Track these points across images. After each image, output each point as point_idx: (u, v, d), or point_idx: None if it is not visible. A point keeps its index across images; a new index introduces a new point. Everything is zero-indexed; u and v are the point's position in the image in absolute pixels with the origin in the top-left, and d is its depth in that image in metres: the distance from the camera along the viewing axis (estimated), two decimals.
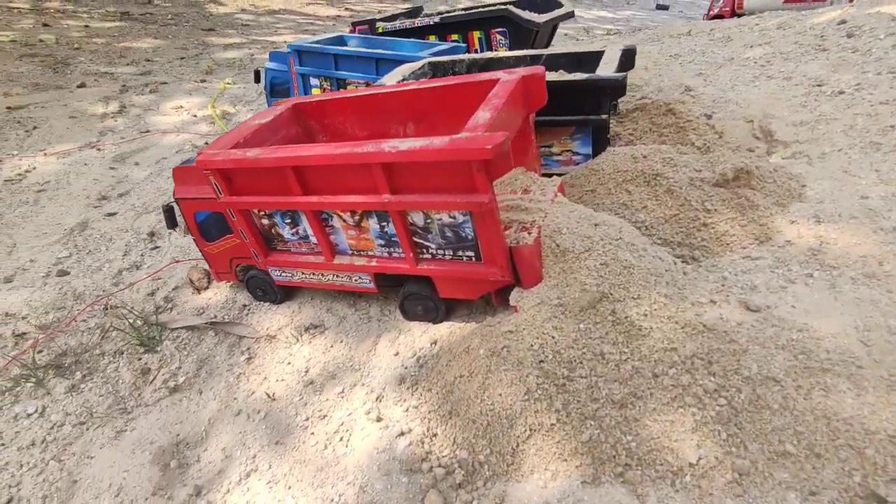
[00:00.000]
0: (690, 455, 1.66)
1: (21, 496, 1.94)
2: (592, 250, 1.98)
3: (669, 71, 4.07)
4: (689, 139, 2.81)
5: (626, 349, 1.82)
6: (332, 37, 4.92)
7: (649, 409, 1.74)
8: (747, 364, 1.78)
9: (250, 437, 2.07)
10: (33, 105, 5.59)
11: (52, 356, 2.53)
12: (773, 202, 2.52)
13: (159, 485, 1.93)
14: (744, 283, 2.16)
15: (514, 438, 1.80)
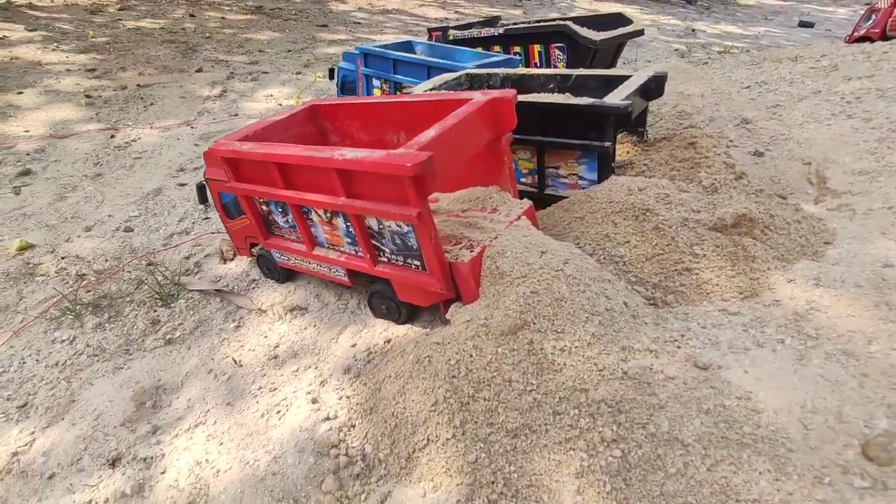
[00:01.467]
0: (567, 499, 1.62)
1: (34, 403, 2.40)
2: (528, 277, 1.97)
3: (730, 100, 3.75)
4: (698, 176, 2.62)
5: (533, 381, 1.81)
6: (401, 42, 5.18)
7: (540, 444, 1.72)
8: (658, 421, 1.69)
9: (210, 395, 2.35)
10: (158, 84, 6.56)
11: (94, 297, 3.04)
12: (776, 256, 2.29)
13: (129, 418, 2.27)
14: (706, 337, 2.02)
15: (413, 444, 1.87)
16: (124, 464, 2.07)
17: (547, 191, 3.02)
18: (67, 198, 4.11)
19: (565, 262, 2.01)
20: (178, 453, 2.08)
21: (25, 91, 6.04)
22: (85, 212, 3.93)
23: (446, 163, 1.90)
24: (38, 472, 2.07)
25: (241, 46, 8.41)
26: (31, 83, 6.26)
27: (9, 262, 3.37)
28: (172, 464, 2.03)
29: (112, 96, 6.12)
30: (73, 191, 4.20)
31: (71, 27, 8.73)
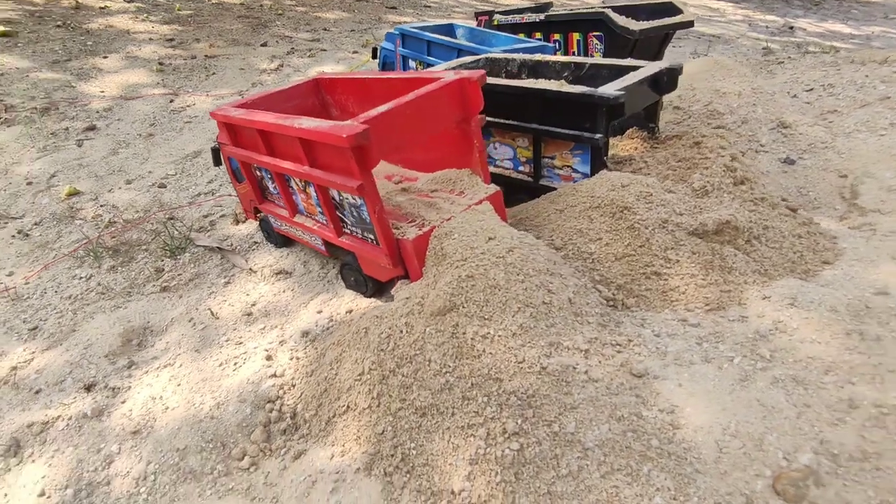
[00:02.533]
0: (456, 484, 1.61)
1: (42, 327, 2.71)
2: (468, 261, 1.95)
3: (771, 101, 3.42)
4: (692, 178, 2.43)
5: (450, 363, 1.80)
6: (442, 24, 5.17)
7: (444, 426, 1.72)
8: (566, 420, 1.63)
9: (185, 340, 2.54)
10: (223, 56, 7.00)
11: (116, 243, 3.35)
12: (758, 270, 2.11)
13: (113, 351, 2.51)
14: (655, 346, 1.92)
15: (335, 409, 1.94)
16: (96, 390, 2.30)
17: (542, 181, 2.93)
18: (119, 153, 4.53)
19: (509, 251, 1.96)
20: (141, 388, 2.27)
21: (110, 56, 6.67)
22: (130, 167, 4.32)
23: (397, 137, 1.91)
24: (28, 386, 2.35)
25: (308, 24, 8.75)
26: (116, 49, 6.90)
27: (58, 205, 3.79)
28: (133, 396, 2.23)
29: (181, 65, 6.62)
30: (125, 147, 4.62)
31: (164, 0, 9.48)
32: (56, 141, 4.66)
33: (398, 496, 1.65)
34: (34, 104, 5.30)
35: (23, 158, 4.38)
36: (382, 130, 1.85)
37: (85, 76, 6.07)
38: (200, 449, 1.94)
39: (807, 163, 3.03)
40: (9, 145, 4.58)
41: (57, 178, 4.14)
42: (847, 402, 1.56)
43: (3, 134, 4.76)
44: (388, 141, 1.88)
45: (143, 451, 1.96)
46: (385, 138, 1.87)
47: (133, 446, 1.99)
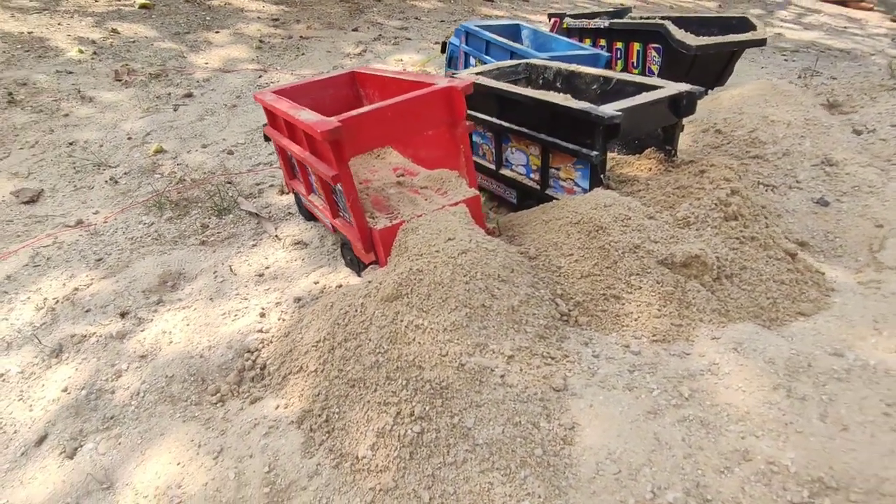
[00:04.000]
0: (361, 450, 1.81)
1: (106, 260, 3.27)
2: (423, 257, 2.11)
3: (824, 135, 3.14)
4: (680, 207, 2.37)
5: (384, 345, 1.98)
6: (508, 24, 5.23)
7: (365, 399, 1.92)
8: (467, 416, 1.77)
9: (205, 289, 2.95)
10: (316, 38, 7.56)
11: (179, 198, 3.89)
12: (718, 309, 2.07)
13: (150, 289, 2.99)
14: (587, 365, 1.99)
15: (292, 368, 2.21)
16: (127, 317, 2.77)
17: (548, 191, 2.98)
18: (205, 119, 5.16)
19: (462, 252, 2.09)
20: (159, 322, 2.71)
21: (221, 31, 7.49)
22: (209, 132, 4.91)
23: (376, 135, 2.11)
24: (81, 305, 2.89)
25: (402, 12, 9.11)
26: (228, 25, 7.72)
27: (145, 160, 4.44)
28: (151, 327, 2.67)
29: (278, 43, 7.26)
30: (210, 115, 5.25)
31: None
32: (158, 104, 5.41)
33: (314, 450, 1.88)
34: (151, 70, 6.15)
35: (130, 116, 5.15)
36: (358, 128, 2.05)
37: (196, 48, 6.89)
38: (184, 380, 2.31)
39: (843, 206, 2.78)
40: (123, 104, 5.40)
41: (151, 136, 4.82)
42: (741, 454, 1.54)
43: (122, 94, 5.60)
44: (365, 138, 2.08)
45: (143, 373, 2.37)
46: (362, 136, 2.07)
47: (137, 367, 2.41)
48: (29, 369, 2.49)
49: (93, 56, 6.38)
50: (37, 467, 2.04)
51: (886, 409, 1.58)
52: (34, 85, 5.59)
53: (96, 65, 6.17)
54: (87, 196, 4.00)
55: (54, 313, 2.85)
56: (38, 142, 4.66)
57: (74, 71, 5.97)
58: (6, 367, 2.51)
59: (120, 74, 5.91)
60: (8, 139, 4.68)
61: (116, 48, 6.68)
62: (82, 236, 3.52)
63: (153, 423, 2.13)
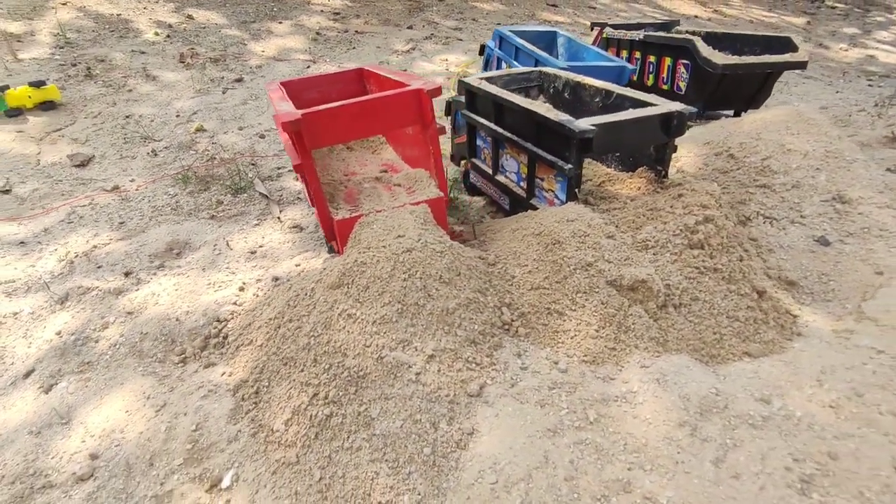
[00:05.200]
0: (277, 424, 1.93)
1: (126, 224, 3.60)
2: (370, 250, 2.19)
3: (844, 170, 2.89)
4: (644, 229, 2.29)
5: (319, 330, 2.08)
6: (545, 31, 5.18)
7: (291, 377, 2.03)
8: (374, 407, 1.85)
9: (201, 259, 3.18)
10: (370, 34, 7.81)
11: (205, 174, 4.20)
12: (657, 338, 2.01)
13: (156, 254, 3.26)
14: (512, 376, 2.02)
15: (245, 340, 2.37)
16: (130, 277, 3.05)
17: (532, 200, 2.97)
18: (247, 104, 5.50)
19: (406, 251, 2.15)
20: (152, 284, 2.96)
21: (284, 22, 7.91)
22: (248, 116, 5.24)
23: (339, 131, 2.21)
24: (95, 262, 3.21)
25: (461, 13, 9.20)
26: (291, 16, 8.14)
27: (185, 137, 4.82)
28: (144, 288, 2.93)
29: (333, 36, 7.58)
30: (253, 100, 5.59)
31: None
32: (210, 86, 5.83)
33: (239, 418, 2.02)
34: (212, 54, 6.62)
35: (183, 96, 5.59)
36: (319, 123, 2.16)
37: (257, 36, 7.33)
38: (155, 338, 2.52)
39: (845, 248, 2.57)
40: (180, 83, 5.86)
41: (196, 115, 5.22)
42: (622, 485, 1.50)
43: (182, 74, 6.08)
44: (327, 133, 2.18)
45: (124, 328, 2.61)
46: (324, 130, 2.18)
47: (122, 322, 2.66)
48: (38, 312, 2.81)
49: (166, 39, 6.96)
50: (18, 396, 2.31)
51: (791, 463, 1.47)
52: (110, 62, 6.19)
53: (167, 47, 6.73)
54: (129, 165, 4.40)
55: (72, 266, 3.19)
56: (100, 113, 5.17)
57: (147, 51, 6.55)
58: (21, 307, 2.85)
59: (184, 57, 6.41)
60: (77, 108, 5.23)
61: (188, 32, 7.24)
62: (114, 200, 3.89)
63: (118, 373, 2.35)
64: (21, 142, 4.59)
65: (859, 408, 1.63)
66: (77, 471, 1.92)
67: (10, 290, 2.99)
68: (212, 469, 1.87)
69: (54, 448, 2.03)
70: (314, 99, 3.32)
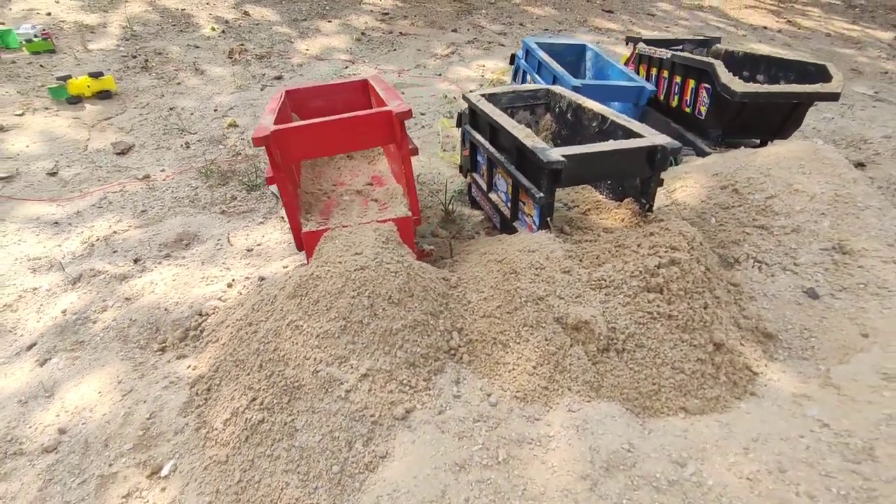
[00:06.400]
0: (217, 423, 2.05)
1: (147, 213, 3.89)
2: (326, 265, 2.27)
3: (853, 218, 2.66)
4: (603, 267, 2.22)
5: (269, 337, 2.19)
6: (572, 44, 5.06)
7: (239, 379, 2.15)
8: (300, 419, 1.94)
9: (203, 253, 3.40)
10: (414, 35, 7.91)
11: (227, 169, 4.44)
12: (591, 382, 1.98)
13: (166, 243, 3.51)
14: (442, 404, 2.05)
15: (214, 337, 2.53)
16: (138, 264, 3.31)
17: (515, 223, 2.96)
18: None
19: (359, 269, 2.22)
20: (154, 273, 3.19)
21: (333, 21, 8.16)
22: None
23: (309, 148, 2.31)
24: (111, 246, 3.50)
25: (509, 17, 9.13)
26: (341, 15, 8.38)
27: (218, 131, 5.11)
28: (146, 276, 3.17)
29: (377, 37, 7.74)
30: None
31: None
32: (251, 83, 6.13)
33: (189, 411, 2.17)
34: (259, 51, 6.95)
35: (224, 91, 5.92)
36: (288, 140, 2.26)
37: (304, 34, 7.61)
38: (142, 325, 2.74)
39: (835, 303, 2.38)
40: (224, 79, 6.21)
41: (233, 111, 5.52)
42: None
43: (227, 70, 6.43)
44: (297, 148, 2.28)
45: (119, 312, 2.85)
46: (293, 146, 2.28)
47: (119, 306, 2.90)
48: (53, 289, 3.11)
49: (221, 34, 7.37)
50: (18, 366, 2.58)
51: None
52: (166, 55, 6.64)
53: (219, 42, 7.13)
54: (163, 155, 4.74)
55: (92, 249, 3.49)
56: (148, 103, 5.58)
57: (201, 46, 6.97)
58: (41, 283, 3.16)
59: (233, 53, 6.77)
60: (129, 98, 5.67)
61: (242, 29, 7.63)
62: (142, 189, 4.21)
63: (102, 355, 2.57)
64: (75, 128, 5.04)
65: (777, 484, 1.53)
66: (45, 442, 2.13)
67: (36, 267, 3.32)
68: (156, 457, 2.02)
69: (34, 419, 2.26)
70: (320, 108, 3.44)
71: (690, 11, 10.88)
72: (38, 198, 4.06)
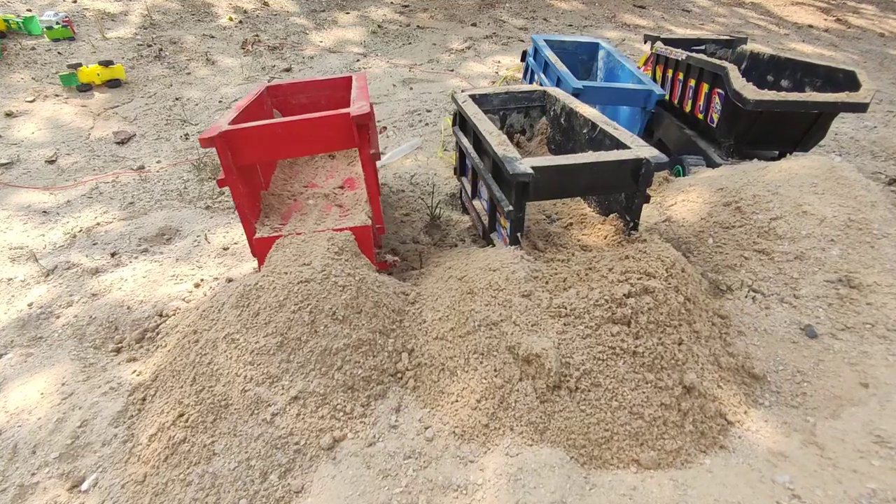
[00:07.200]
0: (143, 438, 1.96)
1: (135, 204, 3.86)
2: (271, 275, 2.14)
3: (867, 247, 2.36)
4: (565, 294, 2.01)
5: (206, 349, 2.08)
6: (585, 42, 4.78)
7: (171, 392, 2.06)
8: (220, 442, 1.83)
9: (179, 250, 3.33)
10: (431, 29, 7.71)
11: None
12: (536, 423, 1.80)
13: (147, 238, 3.46)
14: (376, 434, 1.93)
15: (164, 342, 2.44)
16: (114, 258, 3.27)
17: (492, 234, 2.77)
18: None
19: (303, 282, 2.08)
20: (128, 269, 3.14)
21: (351, 12, 8.04)
22: None
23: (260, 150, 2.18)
24: (93, 238, 3.47)
25: (533, 11, 8.81)
26: (360, 7, 8.25)
27: None
28: (118, 271, 3.12)
29: (394, 30, 7.58)
30: None
31: None
32: (259, 75, 6.08)
33: (121, 422, 2.08)
34: (273, 42, 6.90)
35: (231, 82, 5.88)
36: (239, 141, 2.13)
37: (320, 26, 7.52)
38: (101, 324, 2.68)
39: (836, 344, 2.10)
40: (234, 70, 6.18)
41: (236, 102, 5.46)
42: None
43: (238, 61, 6.40)
44: (250, 150, 2.16)
45: (82, 308, 2.80)
46: (245, 148, 2.15)
47: (84, 302, 2.86)
48: (28, 280, 3.10)
49: (238, 24, 7.36)
50: None
51: None
52: (181, 44, 6.66)
53: (235, 33, 7.12)
54: (161, 147, 4.72)
55: (73, 240, 3.48)
56: (155, 93, 5.59)
57: (216, 36, 6.97)
58: (16, 274, 3.16)
59: (246, 44, 6.74)
60: (138, 88, 5.70)
61: (259, 19, 7.60)
62: (135, 180, 4.19)
63: (54, 354, 2.52)
64: (81, 116, 5.09)
65: None
66: None
67: (16, 256, 3.33)
68: (79, 469, 1.94)
69: None
70: (302, 104, 3.32)
71: (729, 8, 10.29)
72: (32, 186, 4.10)
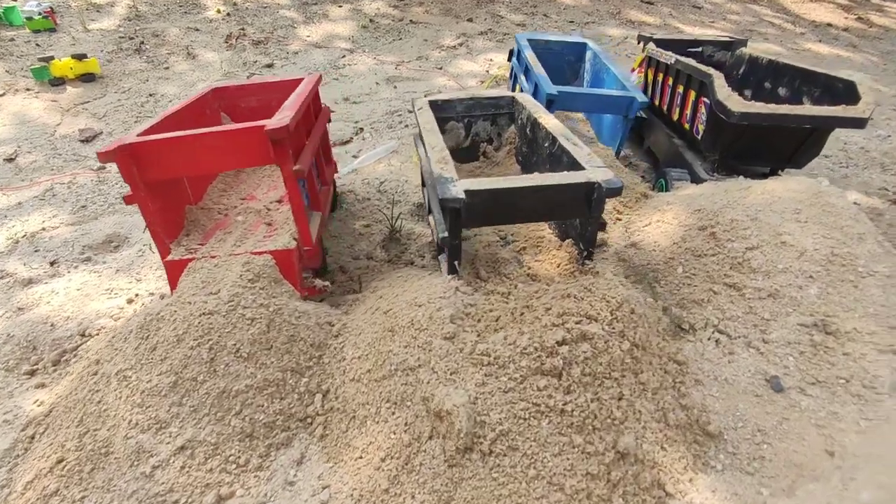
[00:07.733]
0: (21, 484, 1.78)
1: (87, 208, 3.69)
2: (176, 304, 1.95)
3: (848, 287, 2.08)
4: (509, 332, 1.79)
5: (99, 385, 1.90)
6: (573, 42, 4.51)
7: (61, 430, 1.87)
8: (92, 497, 1.63)
9: (120, 260, 3.15)
10: (424, 24, 7.44)
11: None
12: (440, 492, 1.59)
13: (92, 245, 3.29)
14: (268, 491, 1.73)
15: (76, 366, 2.26)
16: (53, 266, 3.10)
17: (440, 256, 2.54)
18: None
19: (205, 314, 1.88)
20: (62, 280, 2.96)
21: (344, 6, 7.80)
22: None
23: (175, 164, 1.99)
24: (35, 244, 3.30)
25: (533, 7, 8.49)
26: (353, 1, 8.01)
27: None
28: (52, 283, 2.93)
29: (385, 24, 7.33)
30: None
31: None
32: (239, 70, 5.88)
33: (7, 460, 1.90)
34: (258, 36, 6.70)
35: (210, 77, 5.70)
36: (141, 156, 1.93)
37: (310, 19, 7.30)
38: (18, 342, 2.51)
39: (803, 401, 1.85)
40: (214, 64, 5.99)
41: None
42: None
43: (220, 55, 6.21)
44: (157, 165, 1.96)
45: (3, 324, 2.64)
46: (150, 163, 1.95)
47: (7, 318, 2.69)
48: None
49: (225, 17, 7.17)
50: None
51: None
52: (163, 37, 6.49)
53: (220, 26, 6.93)
54: None
55: (16, 246, 3.32)
56: (130, 88, 5.43)
57: (201, 29, 6.78)
58: None
59: (230, 38, 6.55)
60: (113, 82, 5.54)
61: (248, 11, 7.40)
62: (92, 182, 4.03)
63: None
64: (50, 111, 4.94)
65: None
66: None
67: None
68: None
69: None
70: (252, 108, 3.11)
71: (743, 4, 9.86)
72: None
